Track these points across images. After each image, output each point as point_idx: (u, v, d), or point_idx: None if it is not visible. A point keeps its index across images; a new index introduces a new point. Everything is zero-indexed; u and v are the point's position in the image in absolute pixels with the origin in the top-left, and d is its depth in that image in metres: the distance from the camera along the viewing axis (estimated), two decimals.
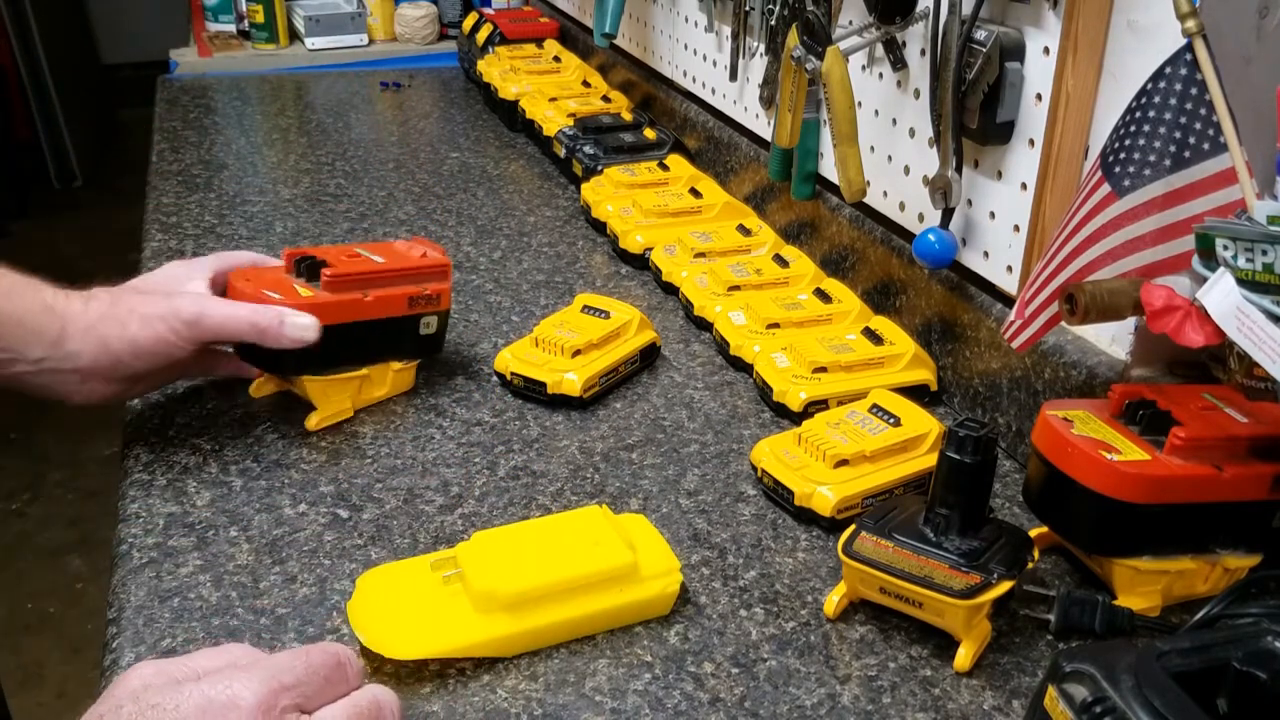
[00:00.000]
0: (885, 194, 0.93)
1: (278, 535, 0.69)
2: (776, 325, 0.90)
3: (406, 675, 0.58)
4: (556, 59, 1.60)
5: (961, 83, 0.76)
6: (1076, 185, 0.70)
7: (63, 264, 3.39)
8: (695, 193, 1.14)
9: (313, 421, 0.80)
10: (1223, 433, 0.61)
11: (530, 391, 0.84)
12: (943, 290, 0.85)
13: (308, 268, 0.79)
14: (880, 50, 0.89)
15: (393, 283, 0.80)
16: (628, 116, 1.36)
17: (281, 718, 0.46)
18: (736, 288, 0.96)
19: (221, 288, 0.79)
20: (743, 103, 1.18)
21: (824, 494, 0.70)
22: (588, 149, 1.26)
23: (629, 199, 1.14)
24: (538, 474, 0.76)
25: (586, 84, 1.51)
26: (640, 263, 1.08)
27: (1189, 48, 0.56)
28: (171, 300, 0.73)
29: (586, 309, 0.89)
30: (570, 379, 0.82)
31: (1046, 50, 0.72)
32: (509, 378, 0.85)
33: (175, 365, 0.76)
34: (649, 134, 1.30)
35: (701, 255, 1.03)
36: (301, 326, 0.74)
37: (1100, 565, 0.64)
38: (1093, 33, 0.68)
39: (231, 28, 2.01)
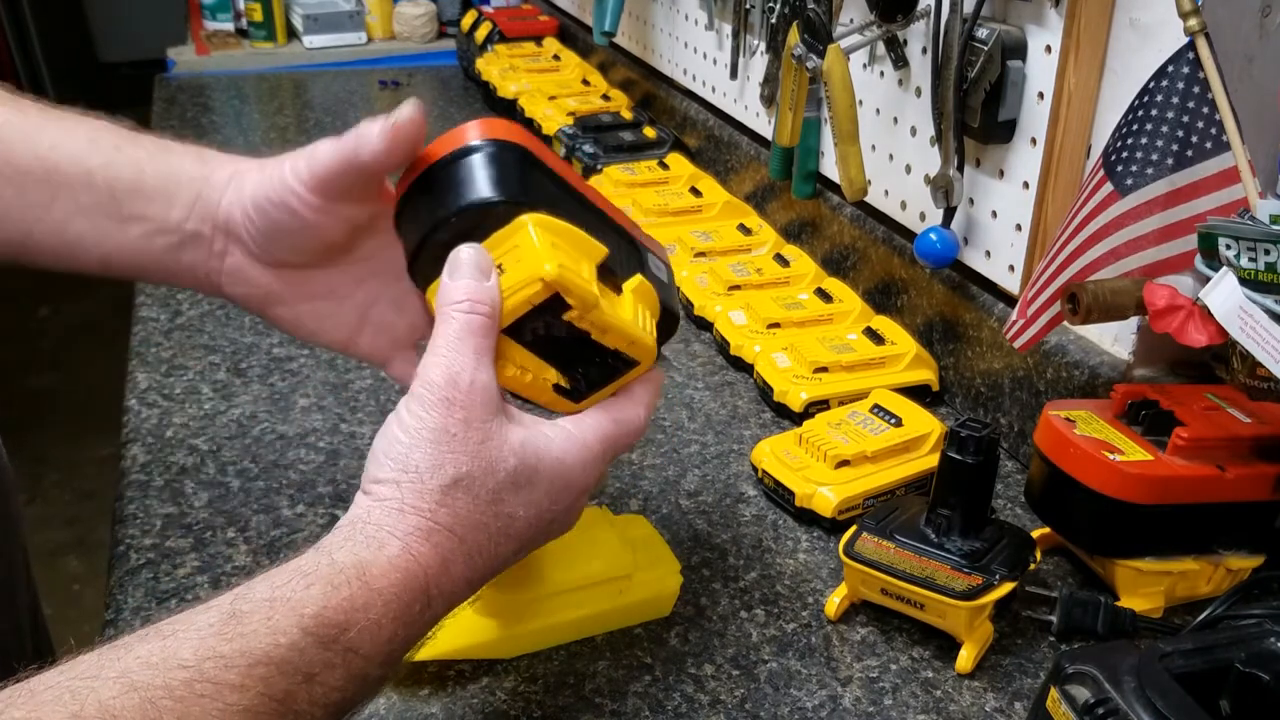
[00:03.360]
0: (887, 193, 0.92)
1: (276, 536, 0.68)
2: (777, 325, 0.90)
3: (405, 677, 0.58)
4: (556, 57, 1.60)
5: (963, 81, 0.76)
6: (1079, 184, 0.70)
7: None
8: (695, 192, 1.14)
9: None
10: (1226, 433, 0.61)
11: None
12: (944, 290, 0.85)
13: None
14: (881, 48, 0.89)
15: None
16: (628, 115, 1.36)
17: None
18: (737, 287, 0.96)
19: None
20: (743, 101, 1.18)
21: (825, 495, 0.69)
22: (587, 148, 1.25)
23: (629, 198, 1.14)
24: None
25: (586, 82, 1.50)
26: None
27: (1191, 46, 0.56)
28: (310, 147, 0.57)
29: None
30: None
31: (1048, 48, 0.72)
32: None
33: (319, 242, 0.59)
34: (649, 133, 1.29)
35: (702, 254, 1.03)
36: (390, 122, 0.53)
37: (1102, 566, 0.64)
38: (1095, 31, 0.67)
39: (229, 26, 2.00)
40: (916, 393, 0.82)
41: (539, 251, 0.50)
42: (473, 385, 0.48)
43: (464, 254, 0.51)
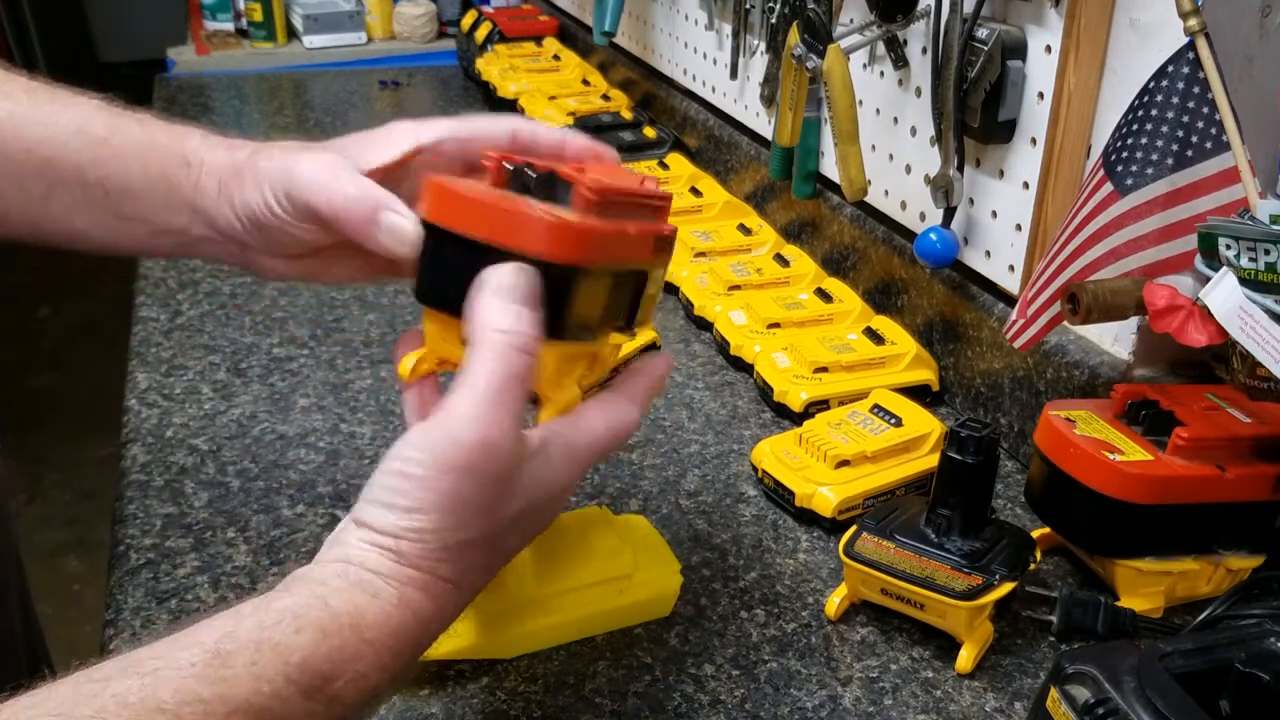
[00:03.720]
0: (887, 193, 0.92)
1: (276, 536, 0.68)
2: (777, 325, 0.90)
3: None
4: (556, 57, 1.60)
5: (963, 81, 0.76)
6: (1079, 184, 0.70)
7: (62, 263, 3.39)
8: (695, 191, 1.14)
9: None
10: (1226, 433, 0.61)
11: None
12: (944, 290, 0.85)
13: (538, 181, 0.51)
14: (881, 48, 0.89)
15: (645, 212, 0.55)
16: (627, 115, 1.36)
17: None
18: (737, 287, 0.96)
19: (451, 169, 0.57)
20: (743, 101, 1.18)
21: (825, 495, 0.69)
22: None
23: None
24: None
25: (586, 82, 1.50)
26: None
27: (1191, 46, 0.56)
28: (292, 160, 0.55)
29: None
30: None
31: (1048, 48, 0.72)
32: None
33: (322, 257, 0.59)
34: (649, 132, 1.29)
35: (702, 254, 1.03)
36: (398, 231, 0.51)
37: (1102, 566, 0.64)
38: (1095, 31, 0.67)
39: (229, 26, 2.00)
40: (916, 393, 0.82)
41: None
42: (502, 448, 0.45)
43: (512, 275, 0.46)
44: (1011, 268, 0.79)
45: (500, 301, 0.46)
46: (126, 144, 0.57)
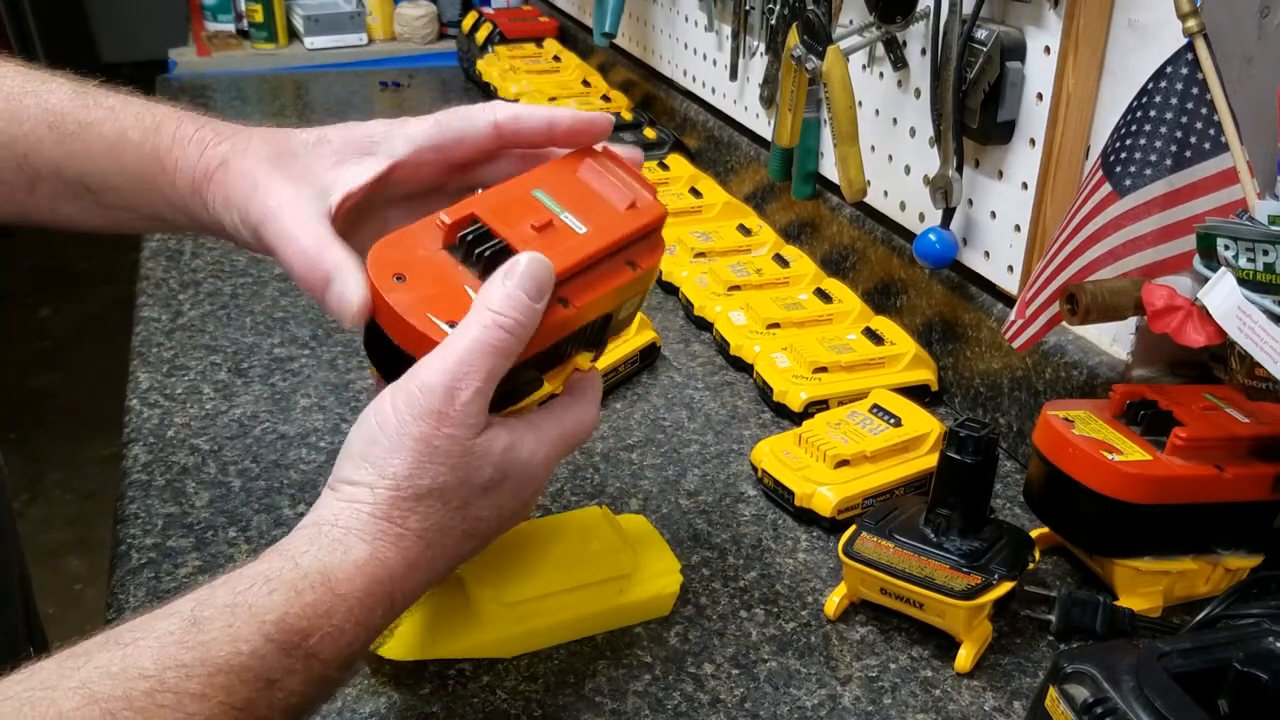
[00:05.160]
0: (886, 193, 0.93)
1: (277, 536, 0.68)
2: (777, 325, 0.90)
3: (406, 676, 0.58)
4: (556, 58, 1.60)
5: (962, 82, 0.76)
6: (1077, 185, 0.70)
7: (62, 263, 3.39)
8: (695, 192, 1.14)
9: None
10: (1224, 433, 0.61)
11: None
12: (943, 290, 0.85)
13: (488, 255, 0.51)
14: (881, 49, 0.89)
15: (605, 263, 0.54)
16: (628, 116, 1.36)
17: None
18: (737, 287, 0.96)
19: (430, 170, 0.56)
20: (743, 102, 1.18)
21: (824, 494, 0.69)
22: None
23: None
24: None
25: (586, 83, 1.50)
26: None
27: (1190, 47, 0.56)
28: (256, 192, 0.53)
29: None
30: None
31: (1047, 49, 0.72)
32: None
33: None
34: (649, 133, 1.30)
35: (701, 255, 1.03)
36: (348, 304, 0.50)
37: (1101, 566, 0.64)
38: (1094, 32, 0.68)
39: (230, 27, 2.00)
40: (916, 393, 0.82)
41: None
42: (469, 403, 0.47)
43: (527, 265, 0.48)
44: (1010, 268, 0.79)
45: (505, 284, 0.48)
46: (99, 141, 0.56)
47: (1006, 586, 0.58)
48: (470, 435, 0.47)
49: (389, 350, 0.50)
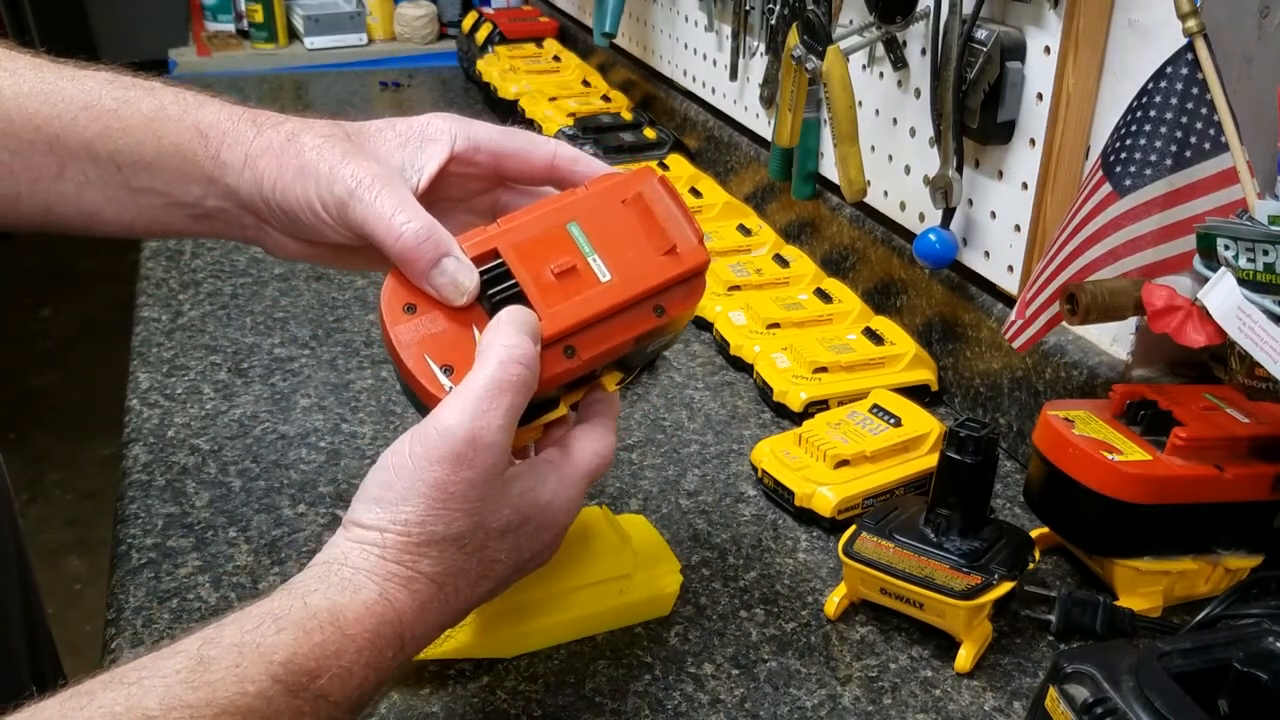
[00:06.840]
0: (886, 194, 0.93)
1: (277, 536, 0.69)
2: (777, 325, 0.90)
3: (405, 676, 0.58)
4: (556, 58, 1.60)
5: (962, 82, 0.76)
6: (1077, 185, 0.70)
7: (62, 264, 3.39)
8: (695, 192, 1.14)
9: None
10: (1224, 433, 0.61)
11: None
12: (943, 290, 0.85)
13: (496, 300, 0.51)
14: (881, 49, 0.89)
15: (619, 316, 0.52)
16: (628, 116, 1.36)
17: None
18: (737, 288, 0.96)
19: (480, 174, 0.57)
20: (743, 102, 1.18)
21: (824, 494, 0.69)
22: (587, 149, 1.25)
23: None
24: None
25: (586, 83, 1.50)
26: None
27: (1190, 47, 0.56)
28: (342, 164, 0.52)
29: None
30: None
31: (1047, 50, 0.72)
32: None
33: (341, 249, 0.56)
34: (649, 133, 1.30)
35: None
36: (457, 284, 0.50)
37: (1101, 566, 0.64)
38: (1094, 32, 0.68)
39: (230, 27, 2.01)
40: (916, 393, 0.82)
41: None
42: (490, 446, 0.46)
43: (520, 316, 0.49)
44: (1010, 268, 0.79)
45: (507, 328, 0.48)
46: (136, 115, 0.56)
47: (1006, 586, 0.58)
48: (488, 478, 0.46)
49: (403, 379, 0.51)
